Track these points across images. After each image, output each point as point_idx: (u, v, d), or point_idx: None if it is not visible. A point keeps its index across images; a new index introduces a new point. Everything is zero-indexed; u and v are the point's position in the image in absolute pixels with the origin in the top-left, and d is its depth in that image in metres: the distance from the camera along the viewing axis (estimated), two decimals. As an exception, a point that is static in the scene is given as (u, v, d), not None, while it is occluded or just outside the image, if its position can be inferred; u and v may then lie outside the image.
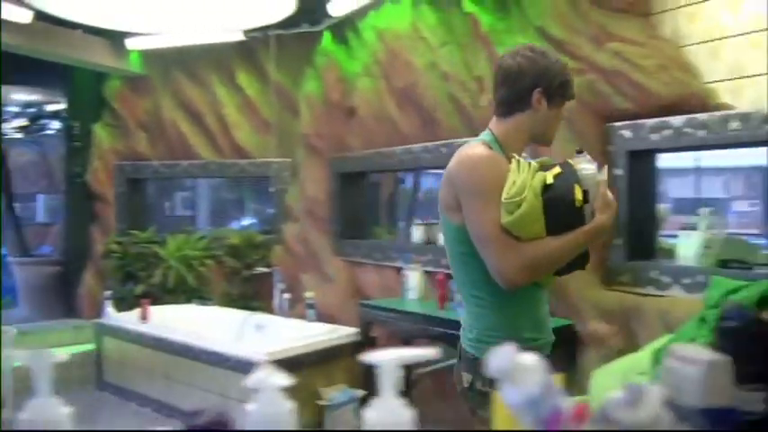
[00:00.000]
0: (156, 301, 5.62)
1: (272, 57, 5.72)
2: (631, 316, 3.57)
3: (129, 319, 5.32)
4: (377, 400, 0.62)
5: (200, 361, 4.51)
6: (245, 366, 4.14)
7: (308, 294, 5.18)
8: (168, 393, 4.79)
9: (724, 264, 3.46)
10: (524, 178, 1.88)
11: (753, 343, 0.68)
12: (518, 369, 0.60)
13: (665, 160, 3.87)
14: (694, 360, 0.65)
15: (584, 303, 3.76)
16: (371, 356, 0.69)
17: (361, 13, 5.18)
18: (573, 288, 3.81)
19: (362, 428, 0.64)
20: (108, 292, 5.64)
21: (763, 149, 3.30)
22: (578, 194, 1.86)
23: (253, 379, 0.65)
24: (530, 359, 0.62)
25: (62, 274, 6.92)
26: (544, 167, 1.94)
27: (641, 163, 3.76)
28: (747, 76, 3.30)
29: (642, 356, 2.85)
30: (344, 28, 5.50)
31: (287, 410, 0.64)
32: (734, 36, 3.35)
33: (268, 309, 5.60)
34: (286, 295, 5.42)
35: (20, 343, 4.51)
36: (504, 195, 1.89)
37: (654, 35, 3.62)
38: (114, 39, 5.93)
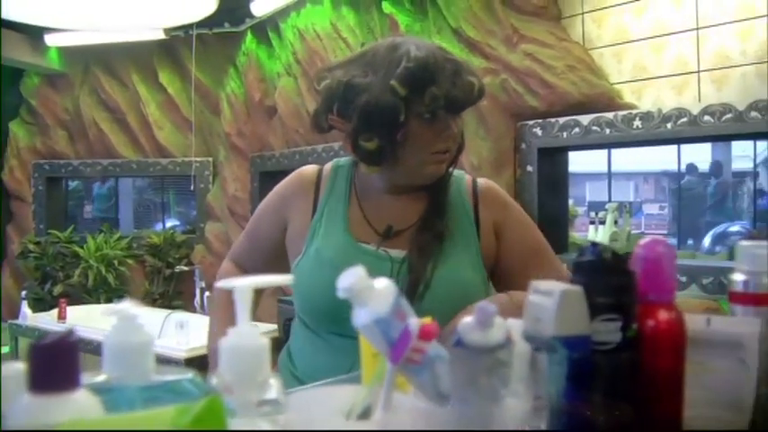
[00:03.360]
0: (76, 301, 5.54)
1: (193, 56, 5.71)
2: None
3: (45, 320, 5.23)
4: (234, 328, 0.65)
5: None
6: (164, 364, 4.14)
7: (229, 292, 5.19)
8: (87, 392, 4.72)
9: (628, 256, 3.64)
10: None
11: (606, 275, 0.77)
12: (366, 289, 0.66)
13: (579, 165, 4.04)
14: (550, 291, 0.73)
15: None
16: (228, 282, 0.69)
17: (283, 13, 5.22)
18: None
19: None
20: (24, 293, 5.54)
21: (670, 153, 3.49)
22: None
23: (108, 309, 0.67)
24: (381, 281, 0.68)
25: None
26: None
27: (552, 160, 3.92)
28: (648, 78, 3.48)
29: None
30: (266, 28, 5.54)
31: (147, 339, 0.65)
32: (636, 40, 3.53)
33: (189, 307, 5.59)
34: (207, 293, 5.42)
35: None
36: None
37: (564, 38, 3.78)
38: (32, 34, 5.82)
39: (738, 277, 0.85)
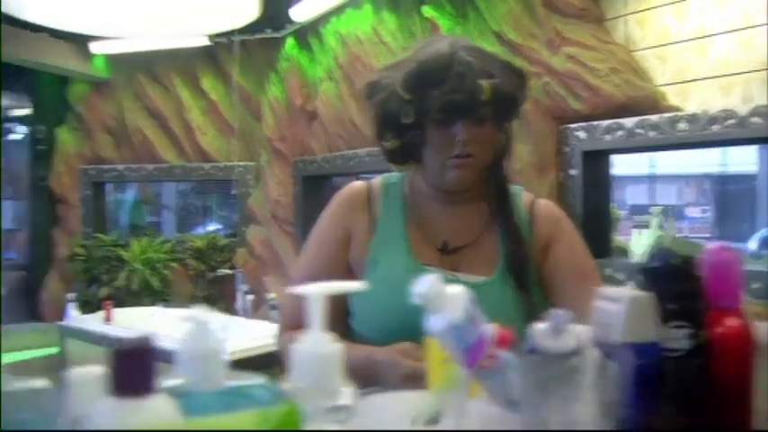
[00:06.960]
0: (121, 303, 5.62)
1: (235, 61, 5.77)
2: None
3: (92, 321, 5.31)
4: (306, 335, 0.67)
5: (162, 361, 4.51)
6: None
7: (271, 296, 5.24)
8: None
9: (674, 259, 3.61)
10: None
11: (676, 281, 0.77)
12: (442, 296, 0.66)
13: (619, 167, 4.01)
14: (618, 298, 0.74)
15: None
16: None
17: (324, 18, 5.26)
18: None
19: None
20: (72, 295, 5.63)
21: (713, 156, 3.46)
22: None
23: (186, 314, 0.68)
24: (455, 288, 0.69)
25: (26, 278, 6.87)
26: None
27: (595, 163, 3.89)
28: (693, 80, 3.45)
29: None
30: (307, 33, 5.58)
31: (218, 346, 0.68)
32: (680, 42, 3.49)
33: (231, 310, 5.65)
34: (249, 297, 5.47)
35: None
36: None
37: (606, 40, 3.75)
38: (79, 43, 5.93)
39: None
